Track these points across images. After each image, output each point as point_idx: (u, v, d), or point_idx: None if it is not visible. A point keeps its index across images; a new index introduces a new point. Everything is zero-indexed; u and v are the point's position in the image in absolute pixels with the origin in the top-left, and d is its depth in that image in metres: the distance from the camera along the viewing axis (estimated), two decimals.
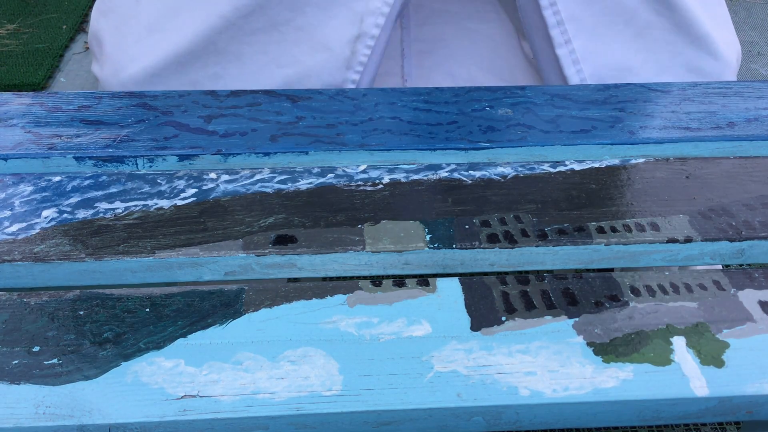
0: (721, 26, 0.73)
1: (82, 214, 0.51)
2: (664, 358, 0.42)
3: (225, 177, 0.55)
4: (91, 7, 2.39)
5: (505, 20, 0.80)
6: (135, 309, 0.45)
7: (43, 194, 0.53)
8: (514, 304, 0.46)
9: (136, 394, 0.40)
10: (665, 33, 0.70)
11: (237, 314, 0.45)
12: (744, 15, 2.46)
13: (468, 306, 0.46)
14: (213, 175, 0.55)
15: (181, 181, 0.54)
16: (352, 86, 0.69)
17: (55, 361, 0.41)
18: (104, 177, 0.55)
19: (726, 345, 0.43)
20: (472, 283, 0.47)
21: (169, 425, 0.39)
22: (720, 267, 0.68)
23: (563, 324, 0.44)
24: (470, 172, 0.56)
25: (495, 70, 0.78)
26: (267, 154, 0.56)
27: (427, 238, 0.49)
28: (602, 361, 0.42)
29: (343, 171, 0.56)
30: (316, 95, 0.64)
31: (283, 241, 0.49)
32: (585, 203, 0.53)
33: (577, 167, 0.57)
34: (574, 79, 0.70)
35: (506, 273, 0.50)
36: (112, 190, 0.53)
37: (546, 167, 0.57)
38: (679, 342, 0.43)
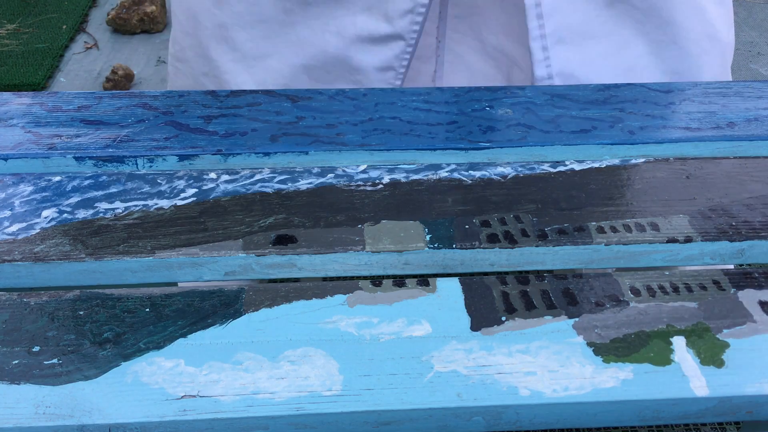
0: (705, 18, 0.72)
1: (82, 214, 0.51)
2: (664, 358, 0.42)
3: (225, 177, 0.55)
4: (91, 8, 2.39)
5: None
6: (135, 309, 0.45)
7: (43, 194, 0.53)
8: (514, 304, 0.46)
9: (136, 394, 0.40)
10: (636, 11, 0.70)
11: (237, 314, 0.45)
12: (744, 15, 2.46)
13: (468, 306, 0.46)
14: (213, 175, 0.55)
15: (181, 181, 0.54)
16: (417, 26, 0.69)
17: (55, 361, 0.41)
18: (104, 177, 0.55)
19: (726, 345, 0.43)
20: (472, 283, 0.47)
21: (169, 425, 0.39)
22: (720, 267, 0.68)
23: (563, 324, 0.44)
24: (470, 172, 0.56)
25: (524, 40, 0.78)
26: (267, 154, 0.56)
27: (427, 238, 0.49)
28: (602, 361, 0.42)
29: (343, 171, 0.56)
30: (316, 95, 0.64)
31: (283, 241, 0.49)
32: (585, 203, 0.53)
33: (577, 167, 0.57)
34: (534, 33, 0.69)
35: (506, 273, 0.50)
36: (112, 190, 0.53)
37: (546, 167, 0.57)
38: (679, 342, 0.43)
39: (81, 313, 0.44)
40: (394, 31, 0.70)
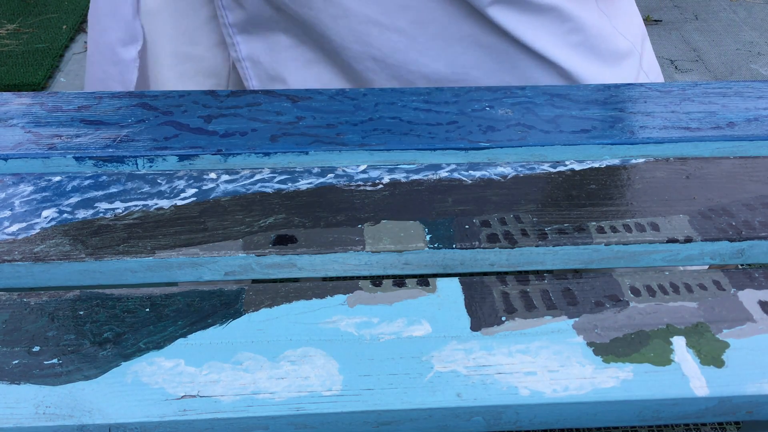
0: (367, 41, 0.74)
1: (82, 214, 0.51)
2: (664, 358, 0.42)
3: (225, 177, 0.55)
4: None
5: None
6: (135, 309, 0.45)
7: (43, 194, 0.53)
8: (514, 304, 0.46)
9: (136, 394, 0.40)
10: (297, 19, 0.75)
11: (237, 314, 0.45)
12: (744, 15, 2.47)
13: (468, 306, 0.46)
14: (213, 175, 0.55)
15: (181, 181, 0.54)
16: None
17: (55, 361, 0.41)
18: (104, 177, 0.55)
19: (726, 345, 0.43)
20: (472, 283, 0.47)
21: (169, 425, 0.39)
22: (719, 267, 0.68)
23: (563, 324, 0.44)
24: (470, 172, 0.56)
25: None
26: (267, 154, 0.56)
27: (427, 238, 0.49)
28: (602, 361, 0.42)
29: (343, 171, 0.56)
30: (316, 95, 0.64)
31: (283, 241, 0.49)
32: (585, 203, 0.53)
33: (577, 167, 0.57)
34: (222, 21, 0.77)
35: (506, 273, 0.50)
36: (112, 190, 0.53)
37: (546, 167, 0.57)
38: (679, 342, 0.43)
39: (81, 313, 0.44)
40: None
